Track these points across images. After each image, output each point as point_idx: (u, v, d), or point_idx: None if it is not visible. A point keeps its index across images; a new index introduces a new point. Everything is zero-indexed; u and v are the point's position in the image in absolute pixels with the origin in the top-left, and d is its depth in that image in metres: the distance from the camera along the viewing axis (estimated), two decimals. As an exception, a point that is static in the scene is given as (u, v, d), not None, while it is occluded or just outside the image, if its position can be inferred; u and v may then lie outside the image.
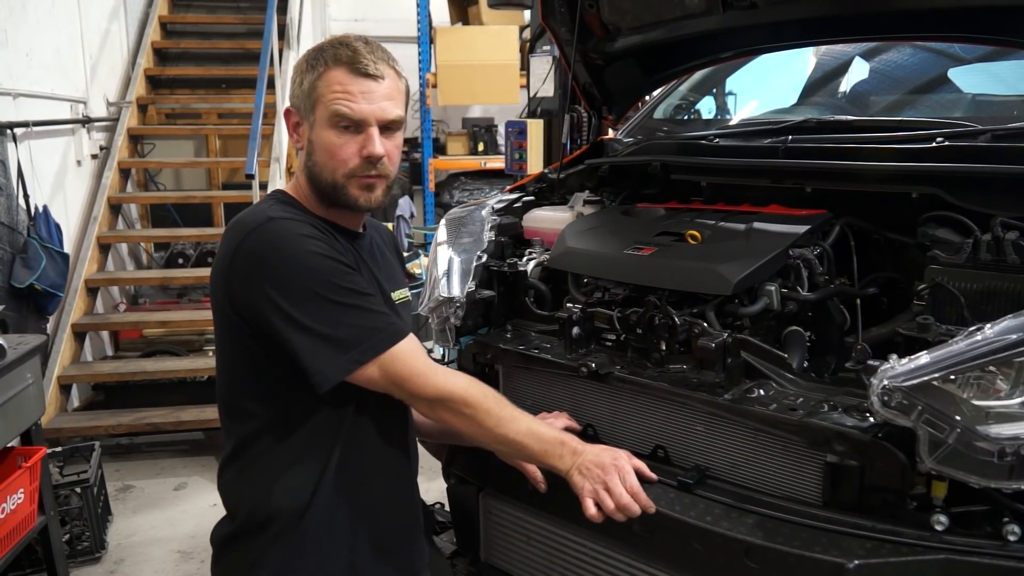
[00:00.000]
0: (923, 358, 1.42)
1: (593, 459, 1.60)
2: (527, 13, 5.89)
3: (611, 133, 3.09)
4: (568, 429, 1.93)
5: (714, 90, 3.36)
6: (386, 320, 1.56)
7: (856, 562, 1.40)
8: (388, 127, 1.61)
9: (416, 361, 1.57)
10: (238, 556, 1.66)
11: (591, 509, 1.56)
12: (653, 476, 1.67)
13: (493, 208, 2.57)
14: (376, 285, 1.70)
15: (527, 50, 4.77)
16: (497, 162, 6.82)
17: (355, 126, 1.57)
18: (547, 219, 2.50)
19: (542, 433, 1.63)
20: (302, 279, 1.49)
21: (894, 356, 1.46)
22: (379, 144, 1.60)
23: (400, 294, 1.82)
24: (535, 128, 4.21)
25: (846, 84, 2.96)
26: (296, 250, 1.50)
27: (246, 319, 1.55)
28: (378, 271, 1.74)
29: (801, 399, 1.65)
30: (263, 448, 1.63)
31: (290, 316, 1.49)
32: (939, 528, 1.42)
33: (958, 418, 1.36)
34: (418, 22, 7.08)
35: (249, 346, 1.58)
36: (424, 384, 1.57)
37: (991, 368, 1.38)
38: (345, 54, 1.56)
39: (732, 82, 3.33)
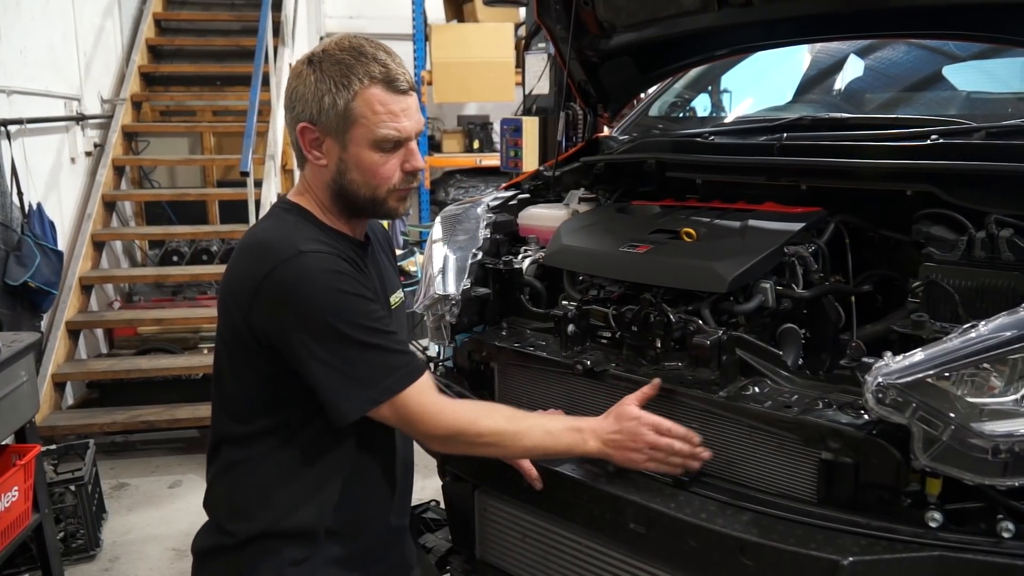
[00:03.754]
0: (918, 355, 1.43)
1: (614, 430, 1.65)
2: (522, 10, 5.88)
3: (606, 131, 3.09)
4: None
5: (709, 88, 3.37)
6: (403, 360, 1.57)
7: (851, 559, 1.40)
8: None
9: (426, 400, 1.58)
10: (225, 564, 1.65)
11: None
12: (655, 384, 1.73)
13: (488, 206, 2.56)
14: (380, 293, 1.70)
15: (522, 47, 4.77)
16: (492, 159, 6.82)
17: (396, 144, 1.58)
18: (542, 217, 2.50)
19: (557, 430, 1.67)
20: (329, 317, 1.50)
21: (889, 353, 1.47)
22: (420, 157, 1.63)
23: (397, 297, 1.82)
24: (530, 125, 4.21)
25: (841, 82, 2.96)
26: (326, 288, 1.51)
27: (264, 344, 1.55)
28: (379, 278, 1.74)
29: (796, 396, 1.65)
30: (259, 462, 1.62)
31: (314, 352, 1.51)
32: (933, 525, 1.42)
33: (952, 415, 1.37)
34: (413, 19, 7.08)
35: (261, 367, 1.57)
36: (435, 424, 1.59)
37: (985, 365, 1.38)
38: (378, 70, 1.53)
39: (727, 80, 3.33)
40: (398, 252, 2.05)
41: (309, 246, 1.53)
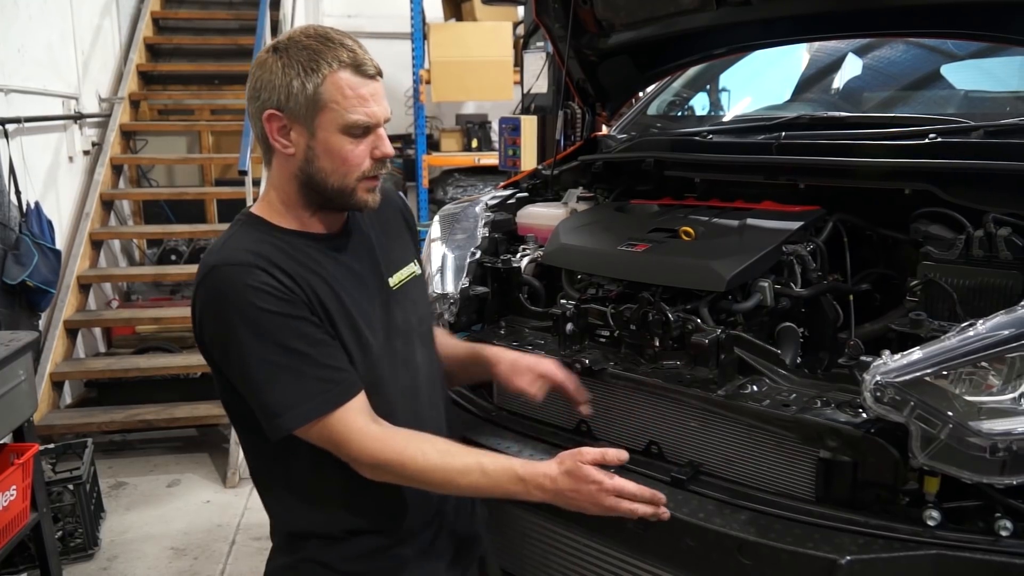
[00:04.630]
0: (915, 354, 1.43)
1: (570, 488, 1.51)
2: (521, 9, 5.88)
3: (605, 129, 3.09)
4: (558, 388, 1.87)
5: (707, 86, 3.37)
6: (321, 387, 1.49)
7: (848, 558, 1.40)
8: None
9: (352, 425, 1.50)
10: (278, 546, 1.70)
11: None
12: (622, 456, 1.54)
13: (487, 204, 2.57)
14: (366, 281, 1.65)
15: (521, 46, 4.77)
16: (491, 158, 6.80)
17: (366, 129, 1.54)
18: (541, 215, 2.50)
19: (496, 473, 1.54)
20: (241, 337, 1.46)
21: (887, 352, 1.47)
22: (389, 143, 1.58)
23: (402, 274, 1.75)
24: (529, 124, 4.21)
25: (839, 80, 2.97)
26: (237, 305, 1.46)
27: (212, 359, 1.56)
28: (369, 260, 1.69)
29: (794, 395, 1.65)
30: (271, 467, 1.64)
31: (234, 372, 1.50)
32: (931, 523, 1.42)
33: (950, 414, 1.37)
34: (411, 18, 7.06)
35: (218, 375, 1.58)
36: (359, 451, 1.51)
37: (983, 364, 1.39)
38: (346, 55, 1.51)
39: (725, 78, 3.33)
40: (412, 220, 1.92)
41: (226, 258, 1.50)
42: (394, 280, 1.73)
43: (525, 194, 2.70)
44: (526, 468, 1.53)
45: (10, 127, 4.34)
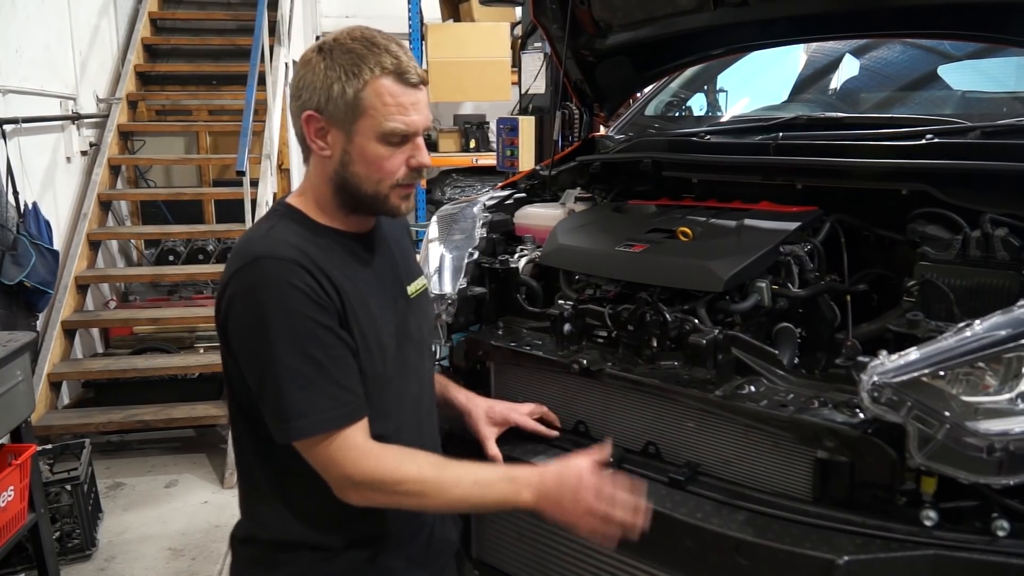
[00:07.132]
0: (912, 354, 1.43)
1: (555, 483, 1.51)
2: (519, 10, 5.87)
3: (602, 130, 3.09)
4: (544, 420, 1.92)
5: (705, 87, 3.37)
6: (327, 403, 1.46)
7: (846, 558, 1.40)
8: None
9: (347, 451, 1.48)
10: (255, 559, 1.64)
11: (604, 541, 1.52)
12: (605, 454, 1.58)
13: (485, 205, 2.57)
14: (386, 287, 1.65)
15: (519, 47, 4.77)
16: (489, 159, 6.80)
17: (404, 137, 1.53)
18: (539, 216, 2.50)
19: (490, 480, 1.54)
20: (269, 335, 1.45)
21: (884, 352, 1.47)
22: (427, 154, 1.57)
23: (417, 284, 1.76)
24: (527, 125, 4.21)
25: (837, 81, 2.97)
26: (271, 303, 1.45)
27: (232, 351, 1.54)
28: (391, 265, 1.70)
29: (791, 395, 1.65)
30: (277, 471, 1.60)
31: (250, 366, 1.49)
32: (928, 523, 1.43)
33: (947, 414, 1.37)
34: (409, 19, 7.06)
35: (235, 366, 1.56)
36: (352, 471, 1.48)
37: (980, 364, 1.39)
38: (390, 62, 1.50)
39: (723, 79, 3.34)
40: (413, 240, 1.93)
41: (272, 250, 1.48)
42: (411, 289, 1.73)
43: (523, 195, 2.70)
44: (518, 470, 1.57)
45: (8, 127, 4.34)
